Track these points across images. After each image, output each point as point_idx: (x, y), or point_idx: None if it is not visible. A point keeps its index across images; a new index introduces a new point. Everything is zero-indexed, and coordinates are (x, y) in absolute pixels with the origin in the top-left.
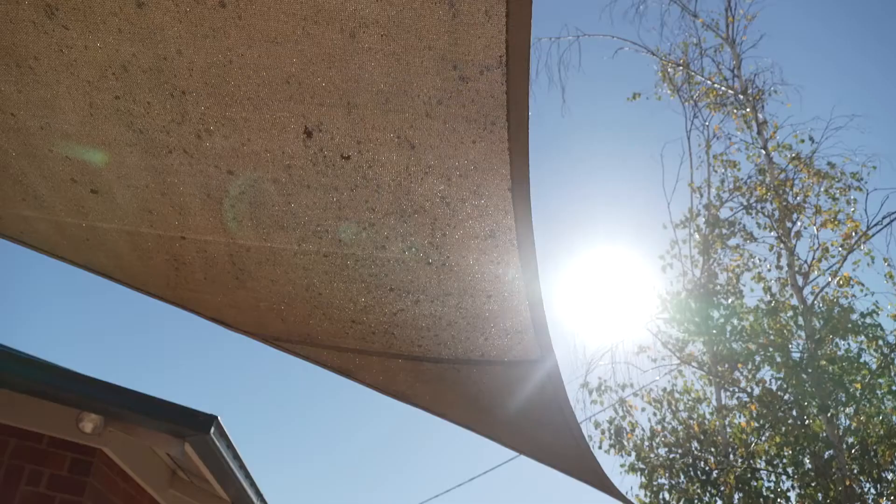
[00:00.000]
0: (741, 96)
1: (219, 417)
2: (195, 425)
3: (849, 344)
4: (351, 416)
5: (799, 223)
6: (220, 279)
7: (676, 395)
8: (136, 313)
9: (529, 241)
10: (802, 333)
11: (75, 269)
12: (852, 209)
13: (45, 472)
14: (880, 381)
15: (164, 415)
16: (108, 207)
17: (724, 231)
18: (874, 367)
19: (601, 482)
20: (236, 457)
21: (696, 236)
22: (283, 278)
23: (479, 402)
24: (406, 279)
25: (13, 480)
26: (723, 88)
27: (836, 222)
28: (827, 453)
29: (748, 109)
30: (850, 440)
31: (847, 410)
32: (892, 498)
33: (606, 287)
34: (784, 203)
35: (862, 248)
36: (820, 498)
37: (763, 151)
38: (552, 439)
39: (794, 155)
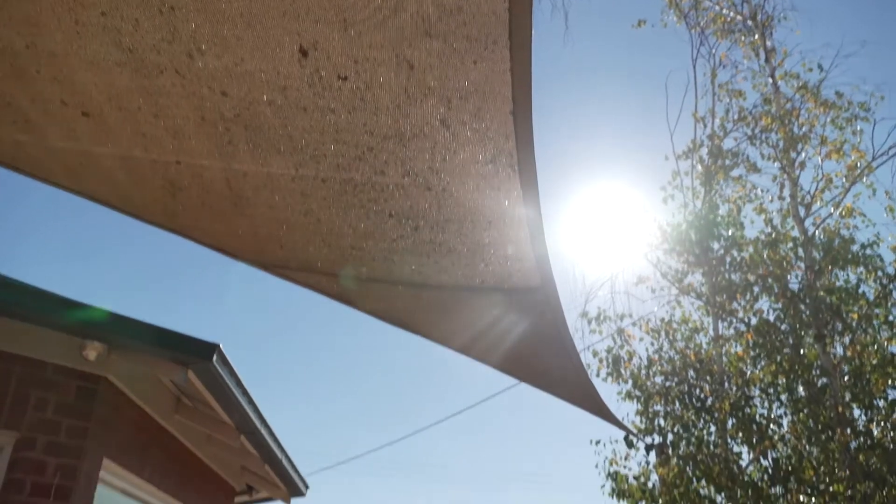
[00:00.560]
0: (750, 22)
1: (220, 345)
2: (197, 353)
3: (847, 275)
4: (353, 347)
5: (803, 154)
6: (218, 205)
7: (674, 326)
8: (135, 242)
9: (531, 167)
10: (802, 264)
11: (71, 197)
12: (858, 140)
13: (51, 398)
14: (877, 311)
15: (167, 343)
16: (100, 131)
17: (727, 162)
18: (872, 297)
19: (599, 409)
20: (239, 384)
21: (699, 167)
22: (281, 204)
23: (478, 329)
24: (406, 205)
25: (20, 407)
26: (731, 14)
27: (840, 153)
28: (821, 381)
29: (756, 36)
30: (845, 369)
31: (843, 340)
32: (882, 424)
33: (607, 219)
34: (789, 133)
35: (865, 180)
36: (811, 424)
37: (770, 80)
38: (551, 367)
39: (801, 84)
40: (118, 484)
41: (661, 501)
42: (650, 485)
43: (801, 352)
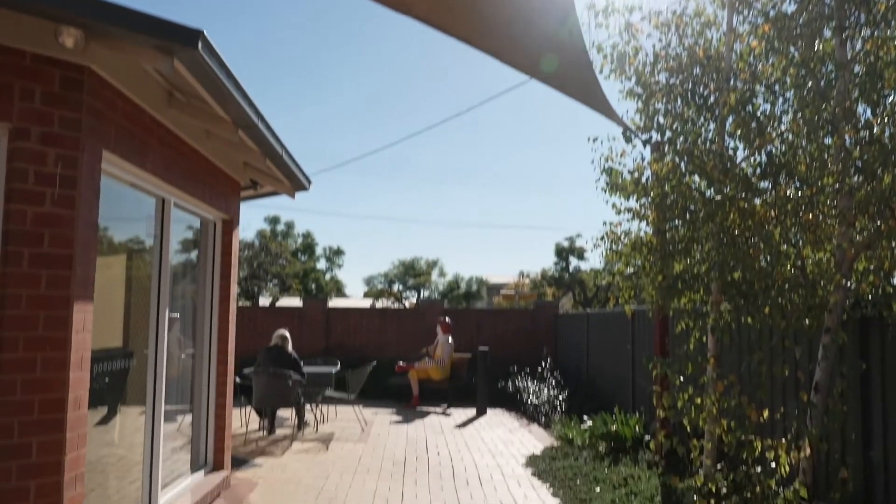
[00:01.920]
0: None
1: (205, 31)
2: (181, 40)
3: None
4: (348, 46)
5: None
6: None
7: (685, 20)
8: None
9: None
10: None
11: None
12: None
13: (36, 88)
14: None
15: (147, 29)
16: None
17: None
18: None
19: (600, 104)
20: (230, 75)
21: None
22: None
23: (481, 12)
24: None
25: (6, 97)
26: None
27: None
28: (831, 76)
29: None
30: (857, 68)
31: (863, 34)
32: (885, 120)
33: None
34: None
35: None
36: (815, 119)
37: None
38: (556, 57)
39: None
40: (124, 177)
41: (652, 194)
42: (643, 180)
43: (817, 46)
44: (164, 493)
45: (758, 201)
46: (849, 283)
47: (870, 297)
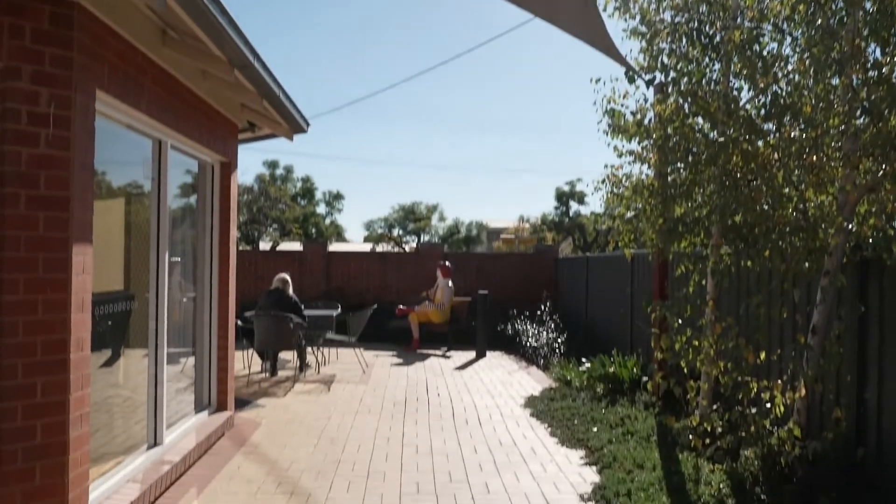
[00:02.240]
0: None
1: None
2: None
3: None
4: None
5: None
6: None
7: None
8: None
9: None
10: None
11: None
12: None
13: (26, 25)
14: None
15: None
16: None
17: None
18: None
19: (603, 43)
20: (224, 12)
21: None
22: None
23: None
24: None
25: None
26: None
27: None
28: (841, 14)
29: None
30: (869, 4)
31: None
32: (895, 58)
33: None
34: None
35: None
36: (822, 58)
37: None
38: None
39: None
40: (120, 118)
41: (655, 136)
42: (646, 121)
43: None
44: (169, 432)
45: (761, 143)
46: (850, 226)
47: (871, 239)
